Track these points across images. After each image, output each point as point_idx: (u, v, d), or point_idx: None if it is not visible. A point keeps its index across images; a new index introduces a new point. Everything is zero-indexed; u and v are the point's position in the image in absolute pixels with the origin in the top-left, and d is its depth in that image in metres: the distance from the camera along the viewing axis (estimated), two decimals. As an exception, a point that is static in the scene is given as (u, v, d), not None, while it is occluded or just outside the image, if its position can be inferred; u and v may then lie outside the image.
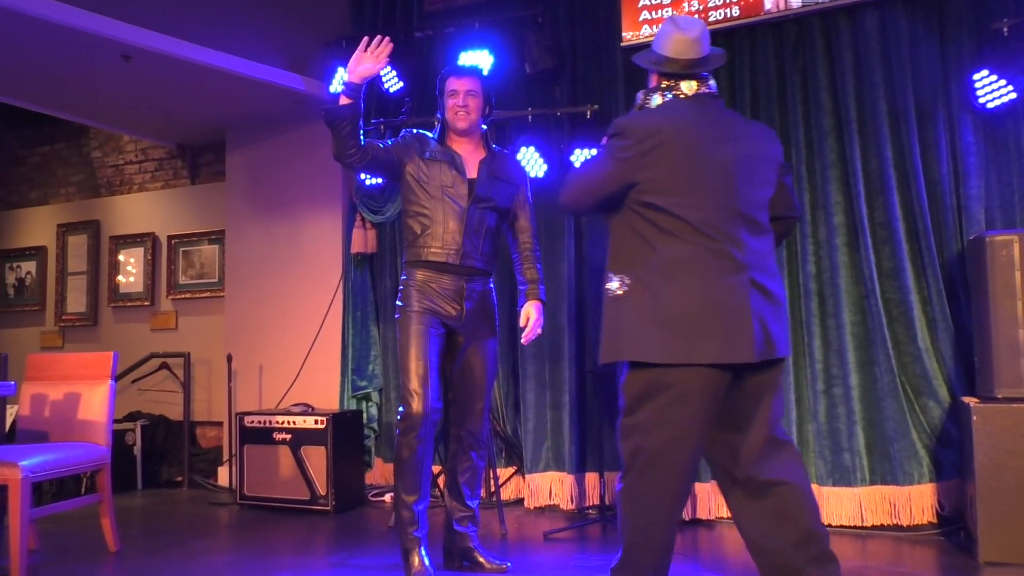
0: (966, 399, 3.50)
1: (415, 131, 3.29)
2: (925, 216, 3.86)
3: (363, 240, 5.15)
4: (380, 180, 4.72)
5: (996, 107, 3.67)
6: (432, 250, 3.10)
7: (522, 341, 3.28)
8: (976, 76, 3.68)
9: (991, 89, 3.65)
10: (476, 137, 3.27)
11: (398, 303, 3.17)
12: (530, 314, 3.22)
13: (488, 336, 3.25)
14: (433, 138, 3.24)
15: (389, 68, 4.76)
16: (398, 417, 3.03)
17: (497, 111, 4.58)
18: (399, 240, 5.04)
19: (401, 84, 4.86)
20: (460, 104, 3.16)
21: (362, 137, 3.03)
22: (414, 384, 2.97)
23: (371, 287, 5.27)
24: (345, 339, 5.19)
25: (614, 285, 2.28)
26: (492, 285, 3.29)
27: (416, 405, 2.95)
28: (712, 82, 2.41)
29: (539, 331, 3.24)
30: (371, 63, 2.94)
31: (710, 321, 2.15)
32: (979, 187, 3.82)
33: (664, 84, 2.38)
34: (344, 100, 2.96)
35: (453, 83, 3.21)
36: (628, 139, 2.25)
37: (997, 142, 3.82)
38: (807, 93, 4.17)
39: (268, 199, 5.62)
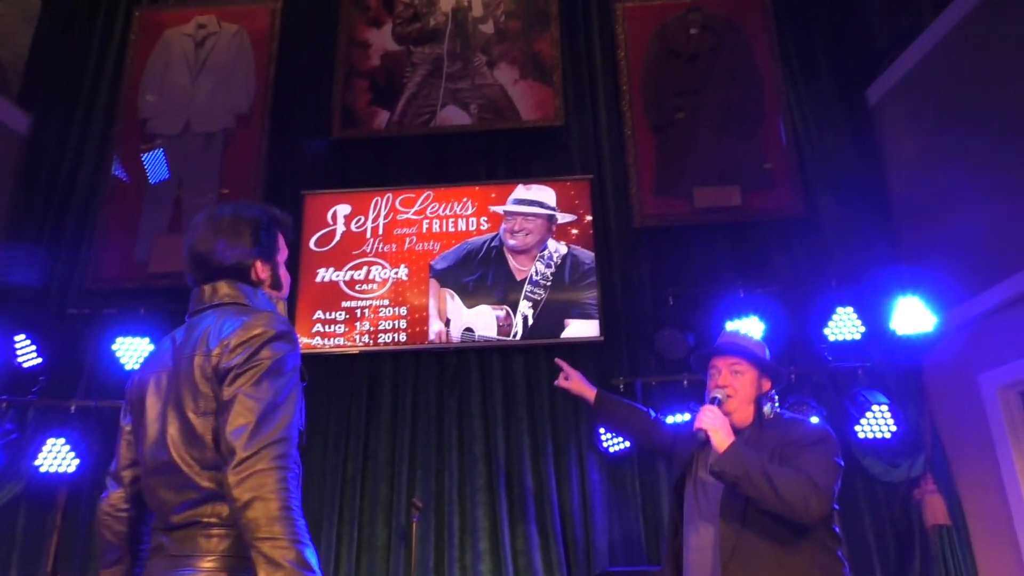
0: None
1: None
2: (560, 547, 4.13)
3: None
4: None
5: (616, 452, 4.20)
6: None
7: None
8: (600, 422, 4.24)
9: (611, 435, 4.19)
10: None
11: None
12: None
13: None
14: None
15: (27, 339, 4.30)
16: None
17: (149, 401, 4.31)
18: None
19: (40, 360, 4.36)
20: None
21: None
22: None
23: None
24: None
25: None
26: None
27: None
28: None
29: None
30: None
31: None
32: (604, 522, 4.21)
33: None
34: None
35: None
36: (839, 451, 2.46)
37: (618, 482, 4.31)
38: (462, 419, 4.46)
39: None
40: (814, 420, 3.79)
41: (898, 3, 4.90)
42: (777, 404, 2.61)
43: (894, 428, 3.97)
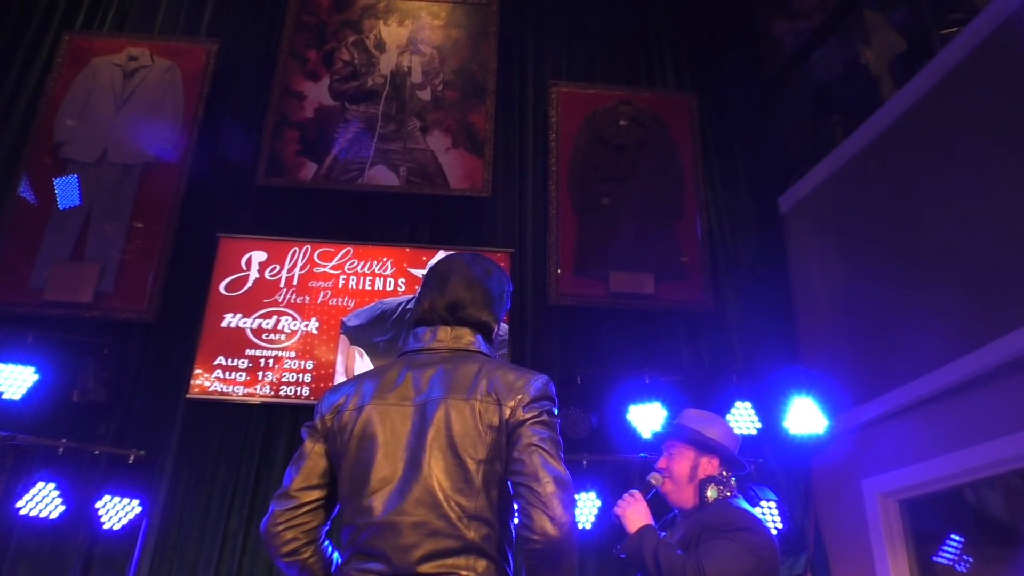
0: None
1: None
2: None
3: None
4: None
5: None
6: None
7: None
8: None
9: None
10: None
11: None
12: None
13: None
14: None
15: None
16: None
17: (22, 436, 4.06)
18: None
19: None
20: None
21: None
22: None
23: None
24: None
25: None
26: None
27: None
28: None
29: None
30: None
31: None
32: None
33: (727, 474, 2.61)
34: None
35: None
36: (760, 545, 2.40)
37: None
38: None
39: None
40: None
41: (811, 123, 5.23)
42: (727, 489, 2.52)
43: (780, 526, 4.06)
